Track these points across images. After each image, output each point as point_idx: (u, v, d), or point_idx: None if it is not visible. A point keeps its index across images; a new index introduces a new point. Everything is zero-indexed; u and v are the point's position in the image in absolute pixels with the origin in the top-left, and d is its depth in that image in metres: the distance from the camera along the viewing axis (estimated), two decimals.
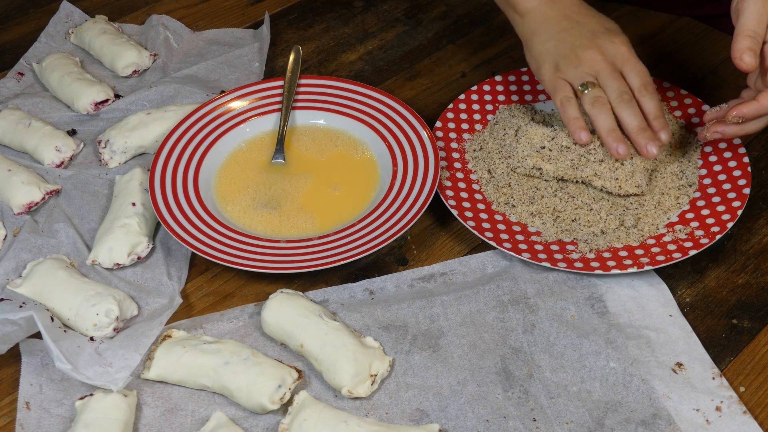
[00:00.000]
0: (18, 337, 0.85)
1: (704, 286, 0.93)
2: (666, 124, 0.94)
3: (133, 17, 1.32)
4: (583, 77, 0.96)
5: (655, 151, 0.92)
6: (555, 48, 0.98)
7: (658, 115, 0.94)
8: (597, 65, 0.96)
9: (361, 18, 1.31)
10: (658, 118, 0.94)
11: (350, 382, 0.83)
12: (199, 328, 0.90)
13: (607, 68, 0.95)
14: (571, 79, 0.96)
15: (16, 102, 1.16)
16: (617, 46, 0.97)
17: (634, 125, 0.93)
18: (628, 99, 0.94)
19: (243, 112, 1.10)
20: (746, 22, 0.88)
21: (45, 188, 1.03)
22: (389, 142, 1.05)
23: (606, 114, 0.94)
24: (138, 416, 0.83)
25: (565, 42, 0.98)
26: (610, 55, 0.96)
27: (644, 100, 0.94)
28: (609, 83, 0.95)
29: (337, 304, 0.92)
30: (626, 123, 0.94)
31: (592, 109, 0.94)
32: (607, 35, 0.98)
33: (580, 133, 0.95)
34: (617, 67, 0.96)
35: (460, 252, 0.97)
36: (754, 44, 0.88)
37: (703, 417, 0.81)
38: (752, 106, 0.91)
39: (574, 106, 0.96)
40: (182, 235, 0.95)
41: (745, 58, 0.87)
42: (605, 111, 0.94)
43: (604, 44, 0.97)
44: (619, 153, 0.93)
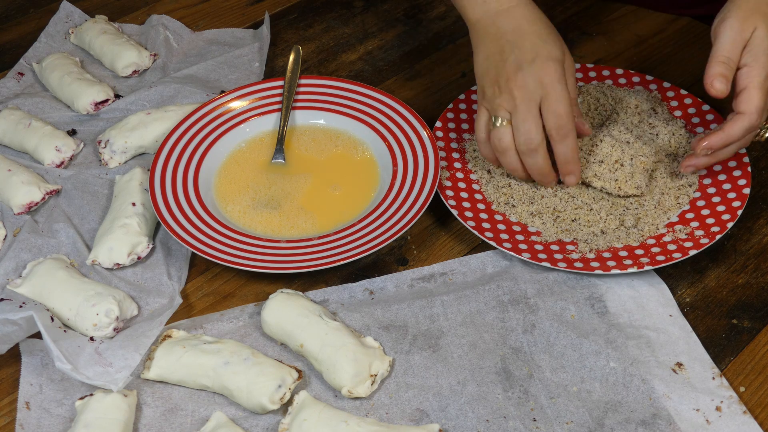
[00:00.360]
0: (18, 337, 0.85)
1: (704, 286, 0.93)
2: (575, 169, 0.95)
3: (133, 17, 1.32)
4: (497, 110, 0.93)
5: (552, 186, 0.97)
6: (486, 71, 0.95)
7: (566, 161, 0.94)
8: (514, 101, 0.92)
9: (361, 18, 1.31)
10: (566, 163, 0.94)
11: (350, 382, 0.83)
12: (199, 328, 0.90)
13: (522, 106, 0.91)
14: (491, 109, 0.94)
15: (16, 102, 1.16)
16: (542, 75, 0.91)
17: (534, 173, 0.95)
18: (532, 147, 0.92)
19: (243, 112, 1.10)
20: (720, 47, 0.89)
21: (45, 188, 1.03)
22: (389, 142, 1.05)
23: (510, 157, 0.94)
24: (138, 416, 0.83)
25: (494, 66, 0.94)
26: (529, 89, 0.91)
27: (555, 146, 0.93)
28: (519, 126, 0.92)
29: (337, 304, 0.92)
30: (528, 169, 0.95)
31: (497, 151, 0.95)
32: (533, 65, 0.91)
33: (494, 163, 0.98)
34: (536, 101, 0.91)
35: (460, 252, 0.97)
36: (726, 70, 0.88)
37: (703, 417, 0.81)
38: (719, 136, 0.91)
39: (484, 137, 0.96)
40: (182, 235, 0.95)
41: (716, 84, 0.88)
42: (509, 155, 0.94)
43: (526, 78, 0.91)
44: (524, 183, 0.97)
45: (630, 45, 1.23)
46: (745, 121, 0.89)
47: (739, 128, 0.90)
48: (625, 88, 1.11)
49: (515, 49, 0.93)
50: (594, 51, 1.22)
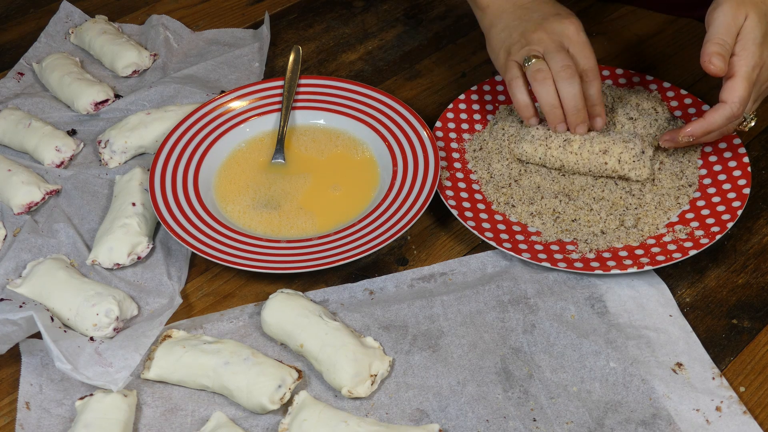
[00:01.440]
0: (18, 337, 0.85)
1: (704, 286, 0.93)
2: (602, 112, 0.97)
3: (133, 17, 1.32)
4: (528, 53, 0.97)
5: (584, 130, 0.97)
6: (508, 35, 1.01)
7: (595, 102, 0.97)
8: (543, 44, 0.97)
9: (361, 18, 1.31)
10: (595, 105, 0.97)
11: (350, 382, 0.83)
12: (199, 328, 0.90)
13: (552, 44, 0.97)
14: (519, 60, 0.98)
15: (16, 102, 1.16)
16: (565, 26, 0.98)
17: (570, 104, 0.96)
18: (570, 74, 0.95)
19: (243, 112, 1.10)
20: (716, 31, 0.91)
21: (45, 188, 1.03)
22: (389, 142, 1.05)
23: (548, 87, 0.96)
24: (138, 416, 0.83)
25: (516, 29, 1.00)
26: (557, 34, 0.98)
27: (585, 86, 0.96)
28: (553, 57, 0.96)
29: (337, 304, 0.92)
30: (564, 99, 0.96)
31: (534, 83, 0.96)
32: (557, 18, 0.99)
33: (529, 120, 0.99)
34: (564, 46, 0.97)
35: (460, 252, 0.97)
36: (722, 50, 0.90)
37: (703, 417, 0.81)
38: (700, 124, 0.93)
39: (521, 86, 0.98)
40: (182, 235, 0.95)
41: (714, 61, 0.90)
42: (547, 84, 0.96)
43: (552, 25, 0.98)
44: (558, 129, 0.97)
45: (630, 45, 1.23)
46: (727, 110, 0.91)
47: (720, 117, 0.92)
48: (625, 88, 1.11)
49: (536, 10, 1.01)
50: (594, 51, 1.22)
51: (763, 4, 0.91)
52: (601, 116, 0.98)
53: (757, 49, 0.90)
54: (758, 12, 0.91)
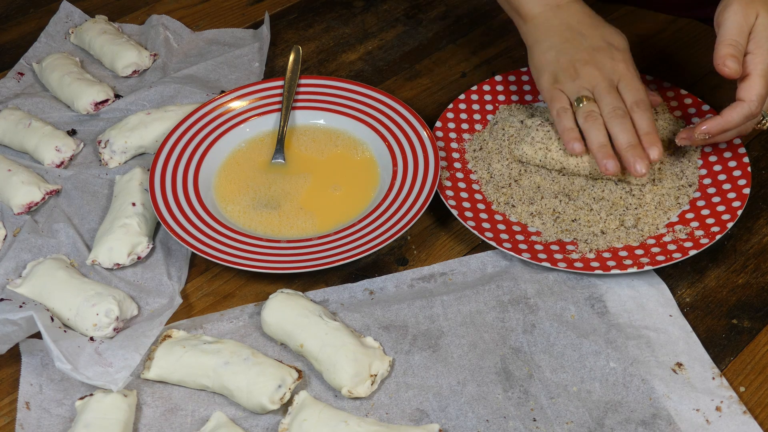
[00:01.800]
0: (18, 337, 0.85)
1: (704, 286, 0.93)
2: (657, 141, 0.94)
3: (133, 17, 1.32)
4: (580, 91, 0.97)
5: (644, 170, 0.92)
6: (555, 59, 0.99)
7: (649, 131, 0.94)
8: (594, 80, 0.96)
9: (361, 18, 1.31)
10: (649, 134, 0.94)
11: (350, 382, 0.83)
12: (199, 328, 0.90)
13: (603, 83, 0.96)
14: (568, 92, 0.98)
15: (16, 102, 1.16)
16: (616, 63, 0.98)
17: (623, 141, 0.93)
18: (620, 114, 0.94)
19: (243, 112, 1.10)
20: (727, 31, 0.90)
21: (45, 188, 1.03)
22: (389, 142, 1.05)
23: (598, 129, 0.94)
24: (138, 416, 0.83)
25: (565, 53, 0.99)
26: (607, 71, 0.97)
27: (636, 117, 0.94)
28: (603, 98, 0.95)
29: (337, 304, 0.92)
30: (617, 138, 0.94)
31: (585, 123, 0.95)
32: (607, 51, 0.98)
33: (573, 144, 0.96)
34: (614, 82, 0.97)
35: (460, 252, 0.97)
36: (735, 51, 0.89)
37: (703, 417, 0.81)
38: (717, 122, 0.92)
39: (570, 117, 0.97)
40: (182, 235, 0.95)
41: (728, 63, 0.89)
42: (597, 126, 0.94)
43: (603, 60, 0.98)
44: (608, 169, 0.93)
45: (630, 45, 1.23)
46: (745, 109, 0.90)
47: (738, 115, 0.91)
48: None
49: (586, 37, 1.00)
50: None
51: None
52: (656, 145, 0.93)
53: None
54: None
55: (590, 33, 1.00)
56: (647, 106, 0.95)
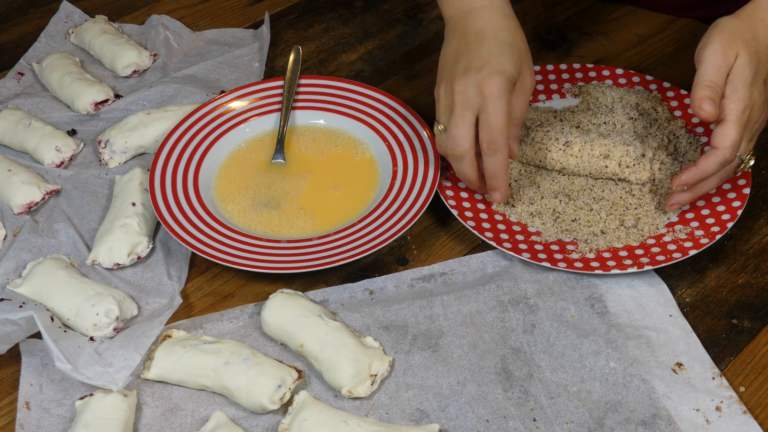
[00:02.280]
0: (18, 337, 0.85)
1: (704, 286, 0.93)
2: (501, 185, 0.93)
3: (133, 17, 1.32)
4: (439, 115, 0.94)
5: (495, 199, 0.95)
6: (442, 66, 0.95)
7: (494, 176, 0.93)
8: (452, 106, 0.91)
9: (361, 18, 1.31)
10: (493, 178, 0.93)
11: (350, 382, 0.83)
12: (199, 328, 0.90)
13: (457, 110, 0.91)
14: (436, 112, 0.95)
15: (16, 102, 1.16)
16: (481, 88, 0.89)
17: (462, 179, 0.95)
18: (457, 155, 0.92)
19: (243, 112, 1.10)
20: (705, 72, 0.88)
21: (45, 188, 1.03)
22: (389, 142, 1.05)
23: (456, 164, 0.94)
24: (138, 416, 0.83)
25: (450, 66, 0.94)
26: (468, 97, 0.90)
27: (485, 158, 0.92)
28: (450, 130, 0.91)
29: (337, 304, 0.92)
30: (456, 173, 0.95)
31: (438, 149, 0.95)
32: (479, 74, 0.90)
33: None
34: (474, 110, 0.90)
35: (460, 252, 0.97)
36: (713, 93, 0.87)
37: (703, 417, 0.81)
38: (692, 171, 0.90)
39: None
40: (182, 235, 0.95)
41: (704, 107, 0.86)
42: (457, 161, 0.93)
43: (468, 84, 0.90)
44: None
45: (630, 45, 1.23)
46: (719, 156, 0.88)
47: (712, 163, 0.89)
48: (625, 88, 1.11)
49: (469, 52, 0.92)
50: (594, 51, 1.22)
51: (755, 41, 0.89)
52: (500, 190, 0.93)
53: (747, 90, 0.87)
54: (749, 50, 0.88)
55: (478, 49, 0.92)
56: (497, 148, 0.90)
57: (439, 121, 0.93)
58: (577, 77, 1.13)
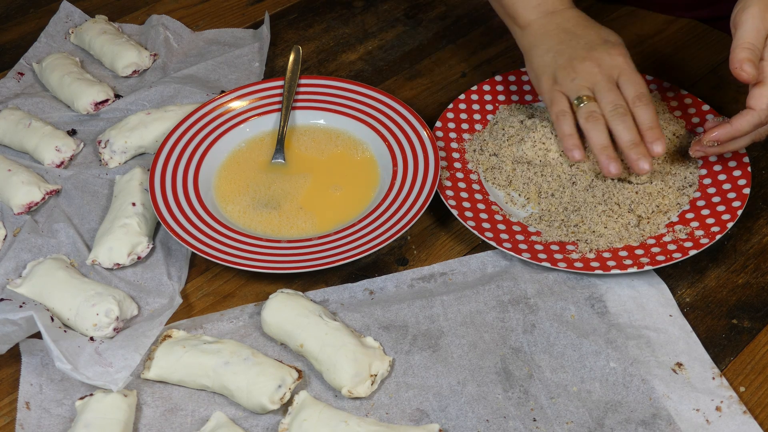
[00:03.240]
0: (18, 337, 0.85)
1: (704, 286, 0.93)
2: (660, 135, 0.93)
3: (133, 17, 1.32)
4: (579, 90, 0.96)
5: (647, 167, 0.91)
6: (553, 60, 0.99)
7: (651, 126, 0.93)
8: (593, 77, 0.96)
9: (361, 18, 1.31)
10: (651, 129, 0.93)
11: (350, 382, 0.83)
12: (199, 328, 0.90)
13: (603, 80, 0.95)
14: (567, 92, 0.97)
15: (16, 102, 1.16)
16: (614, 57, 0.97)
17: (626, 140, 0.92)
18: (622, 112, 0.93)
19: (243, 112, 1.10)
20: (744, 34, 0.88)
21: (45, 188, 1.03)
22: (389, 142, 1.05)
23: (599, 130, 0.93)
24: (138, 416, 0.83)
25: (563, 54, 0.98)
26: (606, 66, 0.96)
27: (638, 111, 0.93)
28: (604, 96, 0.94)
29: (337, 304, 0.92)
30: (619, 137, 0.93)
31: (586, 124, 0.94)
32: (604, 47, 0.98)
33: (573, 151, 0.95)
34: (613, 78, 0.96)
35: (460, 252, 0.97)
36: (752, 56, 0.88)
37: (703, 417, 0.81)
38: (725, 129, 0.91)
39: (569, 121, 0.96)
40: (182, 235, 0.95)
41: (745, 68, 0.87)
42: (599, 127, 0.93)
43: (601, 56, 0.97)
44: (611, 171, 0.93)
45: (630, 45, 1.22)
46: (755, 117, 0.89)
47: (747, 123, 0.90)
48: None
49: (583, 36, 0.99)
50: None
51: None
52: (659, 140, 0.92)
53: None
54: None
55: (585, 33, 1.00)
56: (649, 100, 0.94)
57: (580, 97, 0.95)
58: None
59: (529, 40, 1.02)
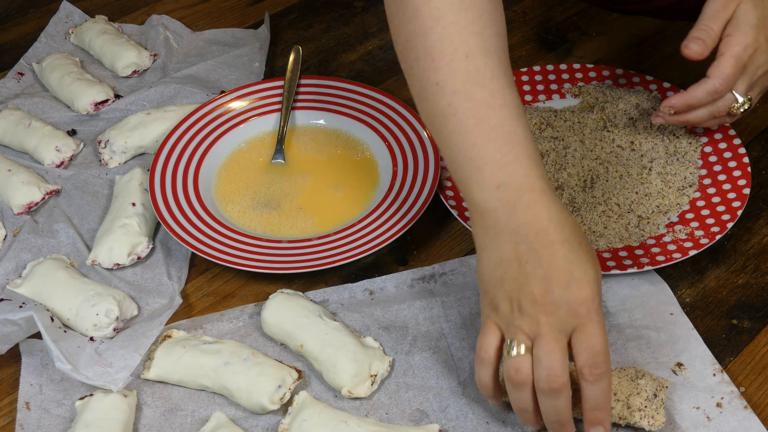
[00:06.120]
0: (18, 337, 0.85)
1: (704, 286, 0.93)
2: (604, 418, 0.74)
3: (133, 17, 1.32)
4: (515, 334, 0.73)
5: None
6: (500, 280, 0.74)
7: (596, 406, 0.74)
8: (539, 328, 0.72)
9: (361, 18, 1.31)
10: (595, 409, 0.74)
11: (350, 382, 0.83)
12: (199, 328, 0.90)
13: (549, 335, 0.72)
14: (503, 328, 0.75)
15: (16, 102, 1.16)
16: (573, 308, 0.72)
17: (550, 419, 0.75)
18: (554, 388, 0.72)
19: (243, 112, 1.10)
20: (702, 18, 0.91)
21: (45, 188, 1.03)
22: (389, 142, 1.05)
23: (522, 394, 0.74)
24: (138, 416, 0.83)
25: (514, 280, 0.73)
26: (560, 318, 0.72)
27: (585, 386, 0.73)
28: (542, 358, 0.72)
29: (337, 304, 0.92)
30: (543, 413, 0.74)
31: (508, 383, 0.75)
32: (565, 292, 0.72)
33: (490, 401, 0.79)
34: (566, 332, 0.72)
35: (460, 252, 0.97)
36: (704, 35, 0.90)
37: (704, 414, 0.81)
38: (681, 96, 0.93)
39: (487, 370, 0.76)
40: (182, 235, 0.95)
41: (690, 45, 0.90)
42: (523, 391, 0.74)
43: (559, 304, 0.72)
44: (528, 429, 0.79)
45: (630, 45, 1.23)
46: (709, 85, 0.91)
47: (701, 91, 0.91)
48: (625, 88, 1.11)
49: (542, 263, 0.72)
50: (594, 51, 1.22)
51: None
52: (601, 425, 0.74)
53: (752, 31, 0.89)
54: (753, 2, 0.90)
55: (552, 258, 0.72)
56: (602, 372, 0.72)
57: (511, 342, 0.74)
58: (577, 77, 1.13)
59: (481, 237, 0.77)
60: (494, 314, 0.75)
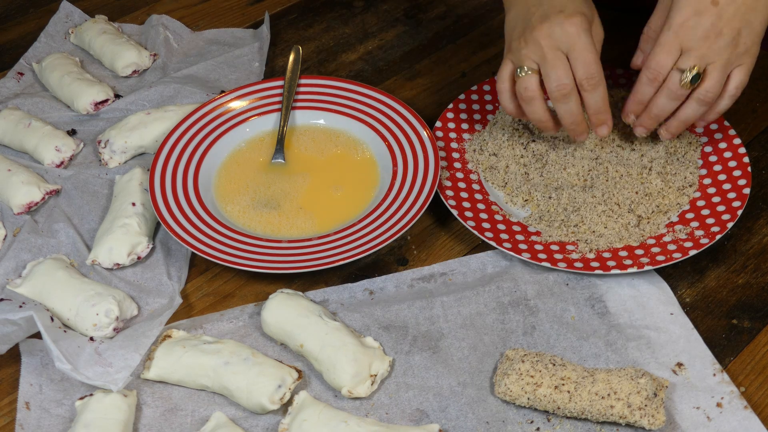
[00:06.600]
0: (18, 337, 0.85)
1: (704, 286, 0.93)
2: (605, 119, 0.94)
3: (133, 17, 1.32)
4: (523, 61, 0.92)
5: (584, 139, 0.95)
6: (513, 27, 0.95)
7: (597, 111, 0.93)
8: (540, 50, 0.91)
9: (361, 18, 1.31)
10: (597, 113, 0.93)
11: (350, 382, 0.83)
12: (199, 328, 0.90)
13: (549, 54, 0.91)
14: (515, 61, 0.94)
15: (16, 102, 1.16)
16: (565, 29, 0.90)
17: (567, 121, 0.94)
18: (563, 93, 0.91)
19: (243, 112, 1.10)
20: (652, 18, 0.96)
21: (45, 188, 1.03)
22: (389, 142, 1.05)
23: (535, 106, 0.93)
24: (138, 416, 0.83)
25: (523, 20, 0.94)
26: (556, 39, 0.91)
27: (585, 95, 0.92)
28: (547, 73, 0.91)
29: (337, 304, 0.92)
30: (561, 118, 0.94)
31: (521, 101, 0.94)
32: (557, 17, 0.91)
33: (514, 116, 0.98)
34: (562, 51, 0.91)
35: (460, 252, 0.97)
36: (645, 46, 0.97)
37: (704, 414, 0.81)
38: (630, 99, 0.94)
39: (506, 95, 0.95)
40: (182, 235, 0.95)
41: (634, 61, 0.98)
42: (534, 104, 0.93)
43: (552, 27, 0.91)
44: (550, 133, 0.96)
45: (630, 45, 1.23)
46: (644, 76, 0.91)
47: (641, 84, 0.92)
48: (625, 88, 1.11)
49: (543, 3, 0.93)
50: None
51: None
52: (604, 124, 0.94)
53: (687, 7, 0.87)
54: None
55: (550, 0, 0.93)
56: (597, 81, 0.91)
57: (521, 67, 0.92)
58: None
59: (505, 6, 0.98)
60: (509, 54, 0.94)
